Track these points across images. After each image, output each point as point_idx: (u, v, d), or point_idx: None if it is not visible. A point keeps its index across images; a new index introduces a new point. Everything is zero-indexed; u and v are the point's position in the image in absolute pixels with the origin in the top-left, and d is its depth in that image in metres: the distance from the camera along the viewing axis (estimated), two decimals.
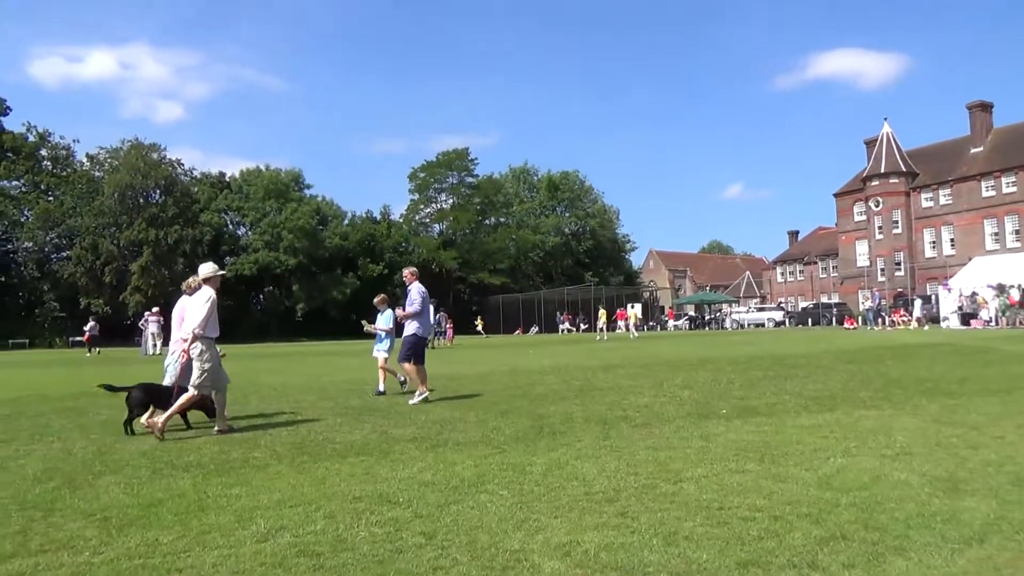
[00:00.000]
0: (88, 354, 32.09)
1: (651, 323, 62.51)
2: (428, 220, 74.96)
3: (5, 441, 7.24)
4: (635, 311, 40.75)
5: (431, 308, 11.48)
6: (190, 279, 8.46)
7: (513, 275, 71.60)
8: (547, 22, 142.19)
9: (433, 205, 74.71)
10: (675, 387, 10.83)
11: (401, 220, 74.25)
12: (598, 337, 37.27)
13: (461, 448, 6.36)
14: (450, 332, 35.03)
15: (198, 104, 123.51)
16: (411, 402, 9.67)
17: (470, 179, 73.38)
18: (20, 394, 12.22)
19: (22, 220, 57.57)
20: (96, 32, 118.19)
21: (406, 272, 10.78)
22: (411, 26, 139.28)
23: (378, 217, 73.51)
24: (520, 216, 77.81)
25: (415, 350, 10.09)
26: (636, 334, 38.27)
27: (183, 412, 7.66)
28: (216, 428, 7.59)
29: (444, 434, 7.11)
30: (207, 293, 7.65)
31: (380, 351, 11.06)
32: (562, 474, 5.25)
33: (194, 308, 7.68)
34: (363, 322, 11.88)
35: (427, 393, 9.83)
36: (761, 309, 65.96)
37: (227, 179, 67.83)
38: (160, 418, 7.35)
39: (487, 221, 75.31)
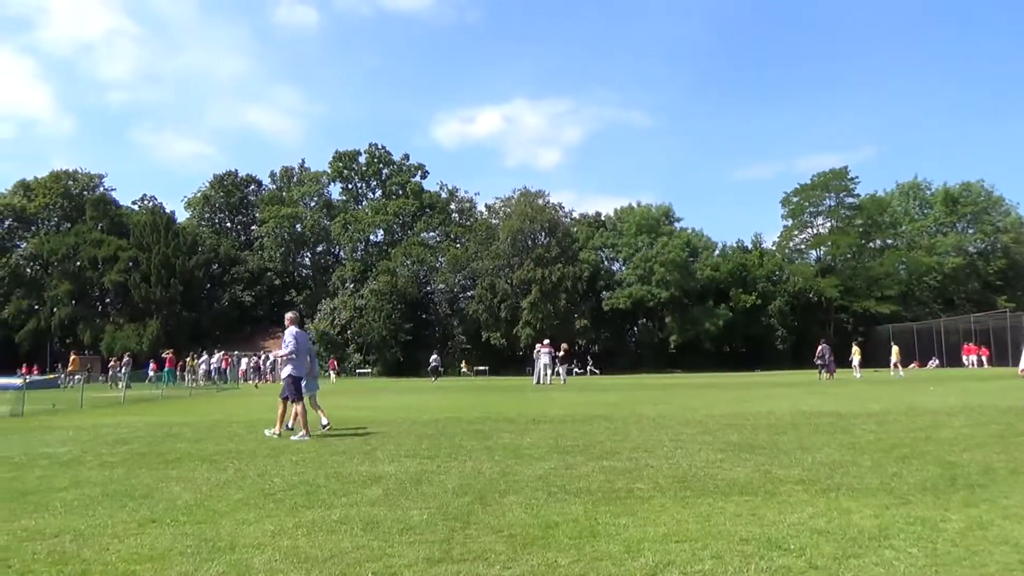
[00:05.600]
0: (432, 381, 36.87)
1: None
2: (803, 246, 70.98)
3: (430, 457, 8.40)
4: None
5: (310, 350, 11.95)
6: None
7: (904, 302, 64.34)
8: (916, 20, 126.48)
9: (809, 230, 70.60)
10: None
11: (774, 248, 71.44)
12: (857, 375, 33.14)
13: (856, 495, 5.82)
14: (833, 366, 32.48)
15: (572, 147, 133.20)
16: (292, 438, 10.39)
17: (850, 199, 67.93)
18: (439, 416, 14.14)
19: (437, 265, 67.27)
20: (484, 94, 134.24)
21: (286, 317, 11.46)
22: (767, 46, 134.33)
23: (749, 246, 71.65)
24: (911, 236, 69.81)
25: (294, 389, 10.90)
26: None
27: None
28: None
29: (835, 478, 6.57)
30: None
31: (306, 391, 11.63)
32: (986, 536, 4.51)
33: None
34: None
35: (307, 435, 10.46)
36: None
37: (602, 218, 71.87)
38: None
39: (871, 244, 68.93)
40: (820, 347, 32.40)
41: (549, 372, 30.59)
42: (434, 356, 45.14)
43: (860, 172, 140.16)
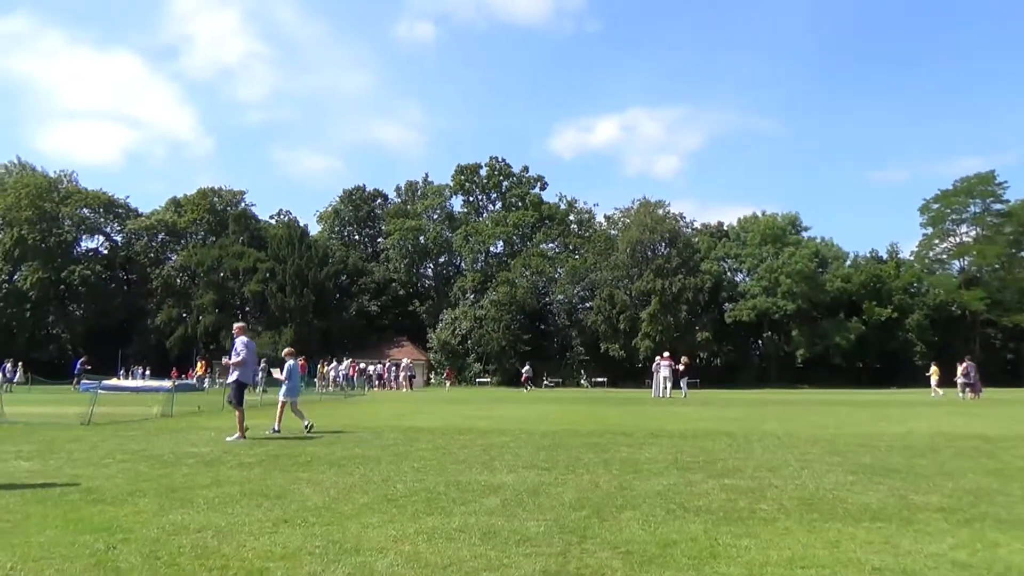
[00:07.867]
0: (526, 391, 37.52)
1: None
2: (945, 256, 66.63)
3: (547, 469, 8.43)
4: None
5: (256, 358, 13.26)
6: None
7: None
8: None
9: (951, 239, 66.21)
10: None
11: (911, 258, 67.38)
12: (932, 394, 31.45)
13: (1004, 527, 5.40)
14: (980, 385, 30.21)
15: (691, 154, 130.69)
16: (227, 439, 11.34)
17: (998, 206, 63.21)
18: (556, 428, 14.17)
19: (555, 276, 67.55)
20: (601, 104, 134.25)
21: (235, 327, 12.40)
22: (898, 41, 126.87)
23: (884, 256, 67.91)
24: None
25: (238, 394, 11.85)
26: None
27: None
28: None
29: (980, 506, 6.12)
30: None
31: (279, 395, 13.24)
32: None
33: None
34: (272, 371, 13.58)
35: (242, 437, 11.43)
36: None
37: (725, 228, 70.07)
38: None
39: (1022, 253, 63.83)
40: (964, 364, 30.27)
41: (671, 384, 30.06)
42: (527, 367, 46.60)
43: (1009, 176, 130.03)
